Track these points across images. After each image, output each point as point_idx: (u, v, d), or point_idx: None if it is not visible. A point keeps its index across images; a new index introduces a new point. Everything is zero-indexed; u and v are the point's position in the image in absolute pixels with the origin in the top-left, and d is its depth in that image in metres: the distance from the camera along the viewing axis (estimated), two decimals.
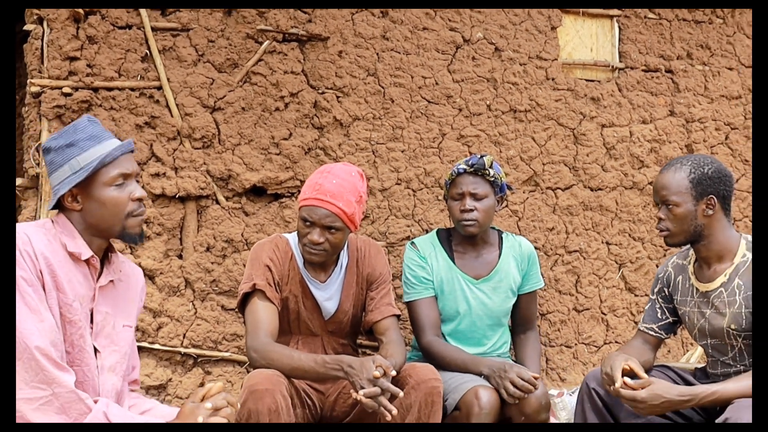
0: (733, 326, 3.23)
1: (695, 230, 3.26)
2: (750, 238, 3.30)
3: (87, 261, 2.70)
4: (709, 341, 3.37)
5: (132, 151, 2.78)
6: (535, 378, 3.49)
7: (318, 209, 3.42)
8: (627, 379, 3.14)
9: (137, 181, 2.77)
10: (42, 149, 2.73)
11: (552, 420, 3.71)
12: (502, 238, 4.09)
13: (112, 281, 2.81)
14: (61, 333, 2.58)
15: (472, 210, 3.83)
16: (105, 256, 2.81)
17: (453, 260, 3.97)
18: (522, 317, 4.15)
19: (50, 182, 2.73)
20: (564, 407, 4.12)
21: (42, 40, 4.02)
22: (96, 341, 2.73)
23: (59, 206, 2.74)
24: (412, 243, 4.00)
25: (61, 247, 2.65)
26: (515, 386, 3.45)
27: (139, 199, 2.74)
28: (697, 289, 3.37)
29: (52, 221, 2.72)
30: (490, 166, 3.84)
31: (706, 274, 3.34)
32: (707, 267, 3.34)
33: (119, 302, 2.84)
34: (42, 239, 2.61)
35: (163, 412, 2.84)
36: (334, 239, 3.48)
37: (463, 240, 4.00)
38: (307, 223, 3.45)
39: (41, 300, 2.53)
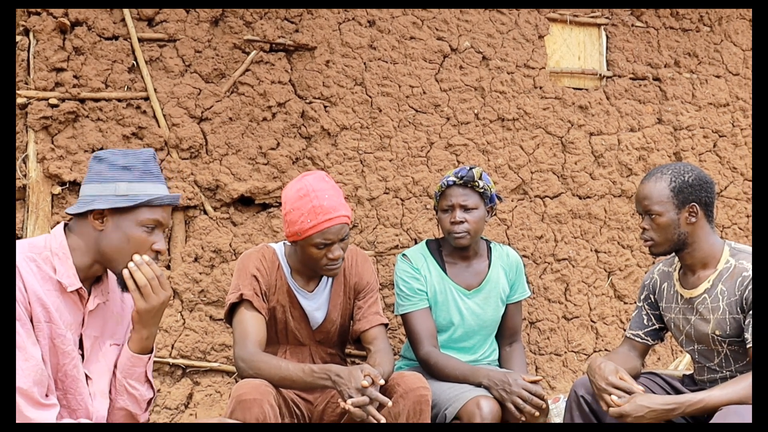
0: (717, 332, 3.23)
1: (679, 238, 3.27)
2: (733, 244, 3.31)
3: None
4: (695, 347, 3.38)
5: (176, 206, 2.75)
6: (536, 381, 3.51)
7: (332, 228, 3.42)
8: (614, 398, 3.13)
9: (164, 234, 2.77)
10: (94, 156, 2.69)
11: None
12: (490, 247, 4.09)
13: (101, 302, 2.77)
14: (48, 367, 2.55)
15: (462, 222, 3.84)
16: (98, 278, 2.76)
17: (445, 271, 3.97)
18: (508, 328, 4.15)
19: (83, 189, 2.68)
20: (559, 413, 4.10)
21: (28, 51, 4.01)
22: (87, 368, 2.70)
23: (75, 216, 2.68)
24: (404, 255, 3.99)
25: (51, 271, 2.60)
26: (524, 401, 3.46)
27: (157, 252, 2.73)
28: (681, 295, 3.38)
29: (47, 239, 2.66)
30: (480, 178, 3.85)
31: (690, 280, 3.35)
32: (691, 273, 3.35)
33: (108, 322, 2.80)
34: (31, 269, 2.56)
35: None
36: (346, 244, 3.52)
37: (453, 251, 4.00)
38: (323, 246, 3.46)
39: (29, 335, 2.49)
